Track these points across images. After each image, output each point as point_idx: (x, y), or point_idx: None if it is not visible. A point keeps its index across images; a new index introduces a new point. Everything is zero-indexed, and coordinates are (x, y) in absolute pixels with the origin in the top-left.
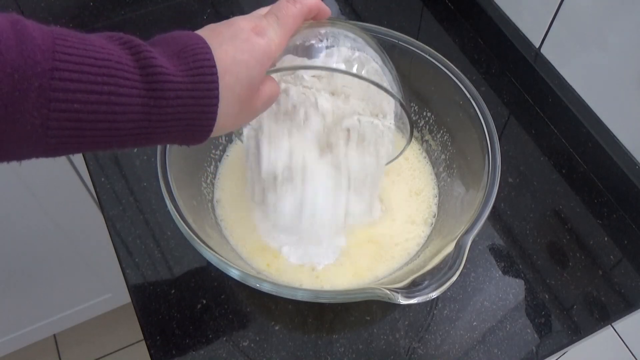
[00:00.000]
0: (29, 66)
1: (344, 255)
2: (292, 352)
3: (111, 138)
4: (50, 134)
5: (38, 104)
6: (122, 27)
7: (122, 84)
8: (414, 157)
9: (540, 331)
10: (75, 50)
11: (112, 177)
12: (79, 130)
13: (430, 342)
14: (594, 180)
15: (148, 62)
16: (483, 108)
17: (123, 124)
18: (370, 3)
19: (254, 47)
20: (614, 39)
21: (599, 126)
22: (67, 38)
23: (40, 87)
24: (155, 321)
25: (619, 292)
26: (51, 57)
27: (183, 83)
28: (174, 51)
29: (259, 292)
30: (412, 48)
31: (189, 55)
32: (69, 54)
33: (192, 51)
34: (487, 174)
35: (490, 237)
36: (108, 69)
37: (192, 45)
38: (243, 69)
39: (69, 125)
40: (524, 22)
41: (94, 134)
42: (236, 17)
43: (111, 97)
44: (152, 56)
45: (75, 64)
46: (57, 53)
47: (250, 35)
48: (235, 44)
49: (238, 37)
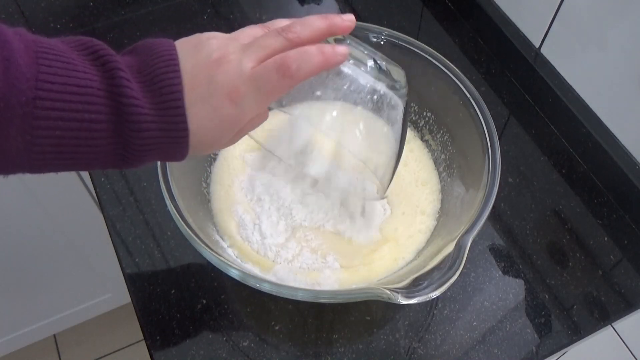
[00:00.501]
0: (14, 95)
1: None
2: (292, 352)
3: (92, 161)
4: (34, 157)
5: (22, 130)
6: (122, 27)
7: (99, 111)
8: (418, 149)
9: (540, 331)
10: (58, 78)
11: (112, 177)
12: (61, 153)
13: (430, 342)
14: (594, 180)
15: (122, 91)
16: (483, 108)
17: (103, 147)
18: (370, 3)
19: (222, 118)
20: (614, 39)
21: (599, 126)
22: (52, 63)
23: (24, 114)
24: (155, 321)
25: (619, 292)
26: (34, 85)
27: (151, 116)
28: (146, 77)
29: (259, 292)
30: (412, 48)
31: (158, 88)
32: (52, 82)
33: (162, 82)
34: (487, 174)
35: (490, 237)
36: (88, 97)
37: (164, 78)
38: (209, 136)
39: (51, 150)
40: (524, 22)
41: (75, 157)
42: (228, 48)
43: (91, 125)
44: (126, 85)
45: (58, 92)
46: (40, 82)
47: (224, 102)
48: (205, 109)
49: (210, 101)
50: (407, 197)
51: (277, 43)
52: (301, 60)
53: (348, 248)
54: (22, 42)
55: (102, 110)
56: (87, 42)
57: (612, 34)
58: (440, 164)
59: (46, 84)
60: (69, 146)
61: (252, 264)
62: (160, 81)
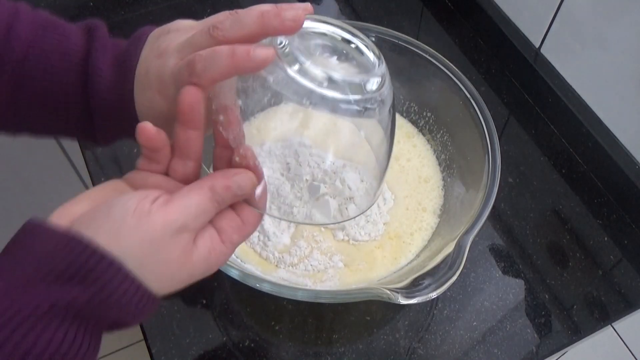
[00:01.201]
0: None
1: (354, 250)
2: (292, 352)
3: (62, 124)
4: (16, 112)
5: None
6: (122, 27)
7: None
8: (421, 145)
9: (540, 331)
10: (48, 46)
11: (112, 177)
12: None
13: (430, 342)
14: (594, 180)
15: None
16: (483, 108)
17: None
18: (370, 3)
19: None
20: (614, 39)
21: (599, 126)
22: (46, 34)
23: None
24: (155, 321)
25: (619, 292)
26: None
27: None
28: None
29: (259, 292)
30: (412, 48)
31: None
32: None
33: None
34: (487, 174)
35: (490, 237)
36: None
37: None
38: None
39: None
40: (524, 22)
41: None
42: None
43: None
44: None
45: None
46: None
47: (154, 95)
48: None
49: (147, 92)
50: (410, 193)
51: (202, 40)
52: (209, 60)
53: (352, 246)
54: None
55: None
56: None
57: (612, 34)
58: (440, 164)
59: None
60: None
61: (253, 265)
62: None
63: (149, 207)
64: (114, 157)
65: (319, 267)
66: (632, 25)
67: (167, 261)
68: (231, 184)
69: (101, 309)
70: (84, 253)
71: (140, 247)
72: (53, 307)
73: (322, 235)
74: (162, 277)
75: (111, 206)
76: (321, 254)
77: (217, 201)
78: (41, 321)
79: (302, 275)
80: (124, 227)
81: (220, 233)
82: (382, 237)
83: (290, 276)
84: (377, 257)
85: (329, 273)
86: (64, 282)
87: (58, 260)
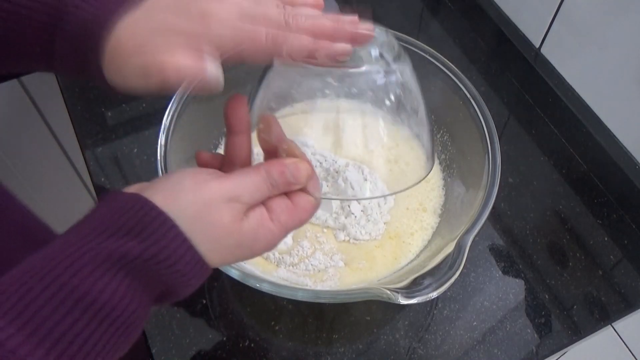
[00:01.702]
0: None
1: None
2: (292, 352)
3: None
4: None
5: None
6: None
7: None
8: None
9: (540, 331)
10: None
11: (112, 177)
12: None
13: (430, 342)
14: (594, 180)
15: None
16: (483, 108)
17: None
18: (370, 3)
19: None
20: (614, 39)
21: (599, 126)
22: None
23: None
24: (155, 321)
25: (619, 292)
26: None
27: None
28: None
29: (259, 292)
30: (412, 48)
31: None
32: None
33: None
34: (487, 174)
35: (490, 237)
36: None
37: None
38: None
39: None
40: (524, 22)
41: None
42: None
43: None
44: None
45: None
46: None
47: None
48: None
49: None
50: (411, 193)
51: (274, 14)
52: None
53: (352, 245)
54: None
55: None
56: None
57: (612, 34)
58: (440, 164)
59: None
60: None
61: (254, 264)
62: None
63: (207, 177)
64: (114, 157)
65: (319, 266)
66: (632, 25)
67: (217, 225)
68: (285, 170)
69: (152, 266)
70: (141, 210)
71: (193, 207)
72: (109, 257)
73: (325, 236)
74: (211, 240)
75: (171, 174)
76: (323, 255)
77: (271, 184)
78: (97, 270)
79: (302, 275)
80: (181, 188)
81: (269, 212)
82: (383, 236)
83: (290, 275)
84: (377, 256)
85: (329, 272)
86: (121, 235)
87: (117, 217)
